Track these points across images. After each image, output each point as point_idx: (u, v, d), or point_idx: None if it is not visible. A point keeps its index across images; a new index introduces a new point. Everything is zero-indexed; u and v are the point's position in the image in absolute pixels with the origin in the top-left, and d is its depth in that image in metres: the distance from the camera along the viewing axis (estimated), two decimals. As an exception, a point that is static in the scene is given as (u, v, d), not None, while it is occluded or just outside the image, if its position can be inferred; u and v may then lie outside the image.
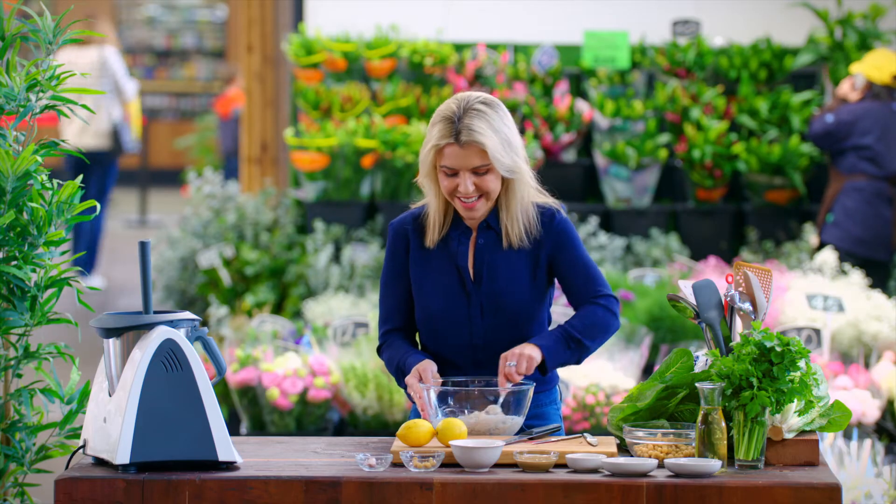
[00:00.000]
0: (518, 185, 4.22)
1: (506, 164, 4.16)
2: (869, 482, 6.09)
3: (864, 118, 8.75)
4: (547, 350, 4.16)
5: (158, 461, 3.85)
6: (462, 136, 4.11)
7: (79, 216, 4.36)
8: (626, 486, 3.76)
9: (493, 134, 4.13)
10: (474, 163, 4.13)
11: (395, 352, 4.30)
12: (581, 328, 4.22)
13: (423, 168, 4.23)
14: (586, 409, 7.06)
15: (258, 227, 9.43)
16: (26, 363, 4.39)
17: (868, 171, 8.77)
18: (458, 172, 4.15)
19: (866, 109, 8.77)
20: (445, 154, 4.14)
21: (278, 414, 7.24)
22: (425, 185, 4.26)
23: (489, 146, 4.11)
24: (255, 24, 11.38)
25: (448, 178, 4.17)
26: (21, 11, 4.46)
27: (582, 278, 4.27)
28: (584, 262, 4.28)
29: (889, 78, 8.79)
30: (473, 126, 4.11)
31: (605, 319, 4.25)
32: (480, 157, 4.13)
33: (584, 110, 9.40)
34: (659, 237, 9.15)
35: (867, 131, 8.74)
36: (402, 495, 3.78)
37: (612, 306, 4.26)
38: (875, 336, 7.57)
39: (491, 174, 4.16)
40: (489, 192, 4.17)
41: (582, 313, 4.25)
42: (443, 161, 4.15)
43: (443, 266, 4.27)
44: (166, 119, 25.11)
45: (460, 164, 4.14)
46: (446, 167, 4.15)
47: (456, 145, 4.12)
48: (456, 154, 4.13)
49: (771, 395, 3.87)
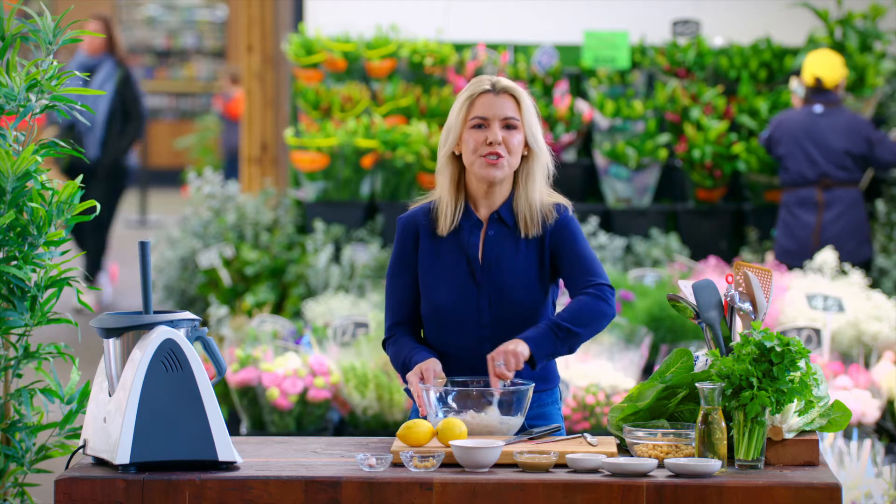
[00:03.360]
0: (537, 166, 4.28)
1: (532, 128, 4.26)
2: (869, 482, 6.09)
3: (777, 129, 8.74)
4: (533, 342, 4.15)
5: (158, 461, 3.85)
6: (498, 86, 4.25)
7: (79, 216, 4.36)
8: (626, 486, 3.76)
9: (526, 95, 4.29)
10: (507, 112, 4.24)
11: (400, 348, 4.31)
12: (568, 316, 4.21)
13: (446, 143, 4.28)
14: (586, 409, 7.06)
15: (258, 227, 9.43)
16: (26, 363, 4.39)
17: (787, 181, 8.76)
18: (489, 125, 4.22)
19: (781, 120, 8.76)
20: (478, 104, 4.24)
21: (278, 414, 7.24)
22: (442, 170, 4.29)
23: (523, 98, 4.27)
24: (255, 24, 11.38)
25: (477, 131, 4.23)
26: (21, 11, 4.46)
27: (578, 270, 4.28)
28: (583, 255, 4.29)
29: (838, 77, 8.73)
30: (508, 83, 4.28)
31: (594, 305, 4.22)
32: (513, 108, 4.25)
33: (584, 110, 9.40)
34: (659, 237, 9.15)
35: (778, 142, 8.74)
36: (402, 495, 3.78)
37: (603, 293, 4.24)
38: (875, 336, 7.57)
39: (518, 133, 4.25)
40: (514, 151, 4.24)
41: (570, 304, 4.26)
42: (474, 112, 4.23)
43: (453, 257, 4.29)
44: (166, 119, 25.11)
45: (493, 112, 4.23)
46: (478, 117, 4.23)
47: (491, 93, 4.25)
48: (490, 102, 4.24)
49: (771, 395, 3.87)
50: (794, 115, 8.75)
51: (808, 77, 8.71)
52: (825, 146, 8.65)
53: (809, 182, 8.67)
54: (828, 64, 8.69)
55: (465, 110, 4.24)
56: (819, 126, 8.64)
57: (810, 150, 8.65)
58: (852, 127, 8.66)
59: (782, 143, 8.69)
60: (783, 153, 8.70)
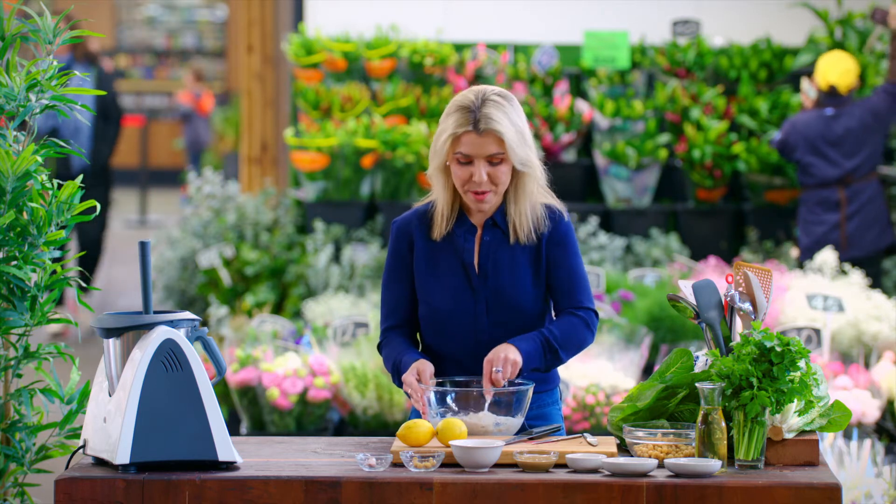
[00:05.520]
0: (528, 180, 4.26)
1: (519, 156, 4.21)
2: (869, 482, 6.09)
3: (792, 132, 8.75)
4: (526, 355, 4.18)
5: (158, 461, 3.85)
6: (480, 125, 4.17)
7: (79, 216, 4.36)
8: (626, 486, 3.76)
9: (509, 125, 4.19)
10: (490, 150, 4.17)
11: (392, 350, 4.32)
12: (561, 339, 4.23)
13: (435, 160, 4.25)
14: (586, 409, 7.06)
15: (258, 227, 9.43)
16: (26, 363, 4.39)
17: (806, 182, 8.78)
18: (473, 161, 4.18)
19: (795, 122, 8.77)
20: (462, 142, 4.19)
21: (278, 414, 7.24)
22: (434, 177, 4.28)
23: (506, 135, 4.17)
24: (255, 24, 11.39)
25: (462, 167, 4.20)
26: (21, 11, 4.46)
27: (570, 284, 4.29)
28: (576, 269, 4.30)
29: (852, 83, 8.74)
30: (492, 115, 4.17)
31: (583, 335, 4.28)
32: (497, 145, 4.18)
33: (584, 110, 9.40)
34: (659, 237, 9.15)
35: (794, 148, 8.75)
36: (402, 495, 3.78)
37: (591, 322, 4.29)
38: (875, 336, 7.57)
39: (504, 165, 4.21)
40: (500, 183, 4.21)
41: (563, 324, 4.25)
42: (459, 148, 4.19)
43: (448, 263, 4.29)
44: (166, 119, 25.11)
45: (477, 151, 4.18)
46: (462, 154, 4.19)
47: (474, 133, 4.18)
48: (473, 142, 4.18)
49: (771, 395, 3.87)
50: (806, 120, 8.73)
51: (822, 83, 8.70)
52: (845, 147, 8.69)
53: (831, 183, 8.71)
54: (843, 70, 8.68)
55: (448, 144, 4.20)
56: (834, 129, 8.67)
57: (829, 153, 8.68)
58: (864, 119, 8.70)
59: (799, 148, 8.71)
60: (801, 159, 8.72)
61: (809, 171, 8.71)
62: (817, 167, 8.70)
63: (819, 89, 8.73)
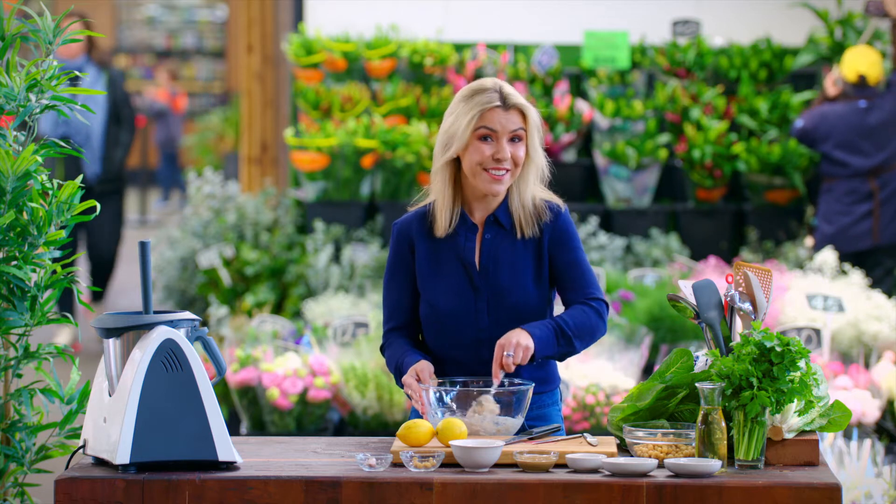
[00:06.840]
0: (531, 170, 4.31)
1: (534, 138, 4.29)
2: (869, 482, 6.09)
3: (822, 123, 8.80)
4: (539, 341, 4.17)
5: (158, 461, 3.85)
6: (508, 101, 4.27)
7: (79, 216, 4.36)
8: (626, 486, 3.76)
9: (532, 109, 4.33)
10: (515, 125, 4.26)
11: (394, 352, 4.33)
12: (574, 327, 4.23)
13: (452, 146, 4.27)
14: (586, 409, 7.06)
15: (258, 227, 9.43)
16: (26, 363, 4.39)
17: (835, 173, 8.82)
18: (497, 138, 4.24)
19: (825, 113, 8.81)
20: (487, 118, 4.26)
21: (278, 414, 7.24)
22: (439, 174, 4.29)
23: (530, 112, 4.29)
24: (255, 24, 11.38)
25: (485, 144, 4.25)
26: (21, 11, 4.46)
27: (578, 277, 4.30)
28: (582, 262, 4.32)
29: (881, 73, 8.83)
30: (515, 94, 4.31)
31: (596, 324, 4.28)
32: (521, 121, 4.28)
33: (584, 110, 9.40)
34: (659, 237, 9.15)
35: (825, 137, 8.78)
36: (402, 495, 3.78)
37: (603, 312, 4.30)
38: (875, 336, 7.57)
39: (522, 144, 4.28)
40: (519, 163, 4.28)
41: (576, 312, 4.26)
42: (484, 123, 4.25)
43: (450, 262, 4.29)
44: (166, 119, 25.10)
45: (503, 126, 4.26)
46: (487, 128, 4.25)
47: (501, 108, 4.26)
48: (500, 117, 4.26)
49: (771, 395, 3.87)
50: (840, 112, 8.81)
51: (851, 73, 8.77)
52: (877, 139, 8.78)
53: (862, 174, 8.77)
54: (871, 60, 8.80)
55: (476, 120, 4.26)
56: (868, 122, 8.76)
57: (863, 146, 8.78)
58: None
59: (831, 139, 8.77)
60: (829, 151, 8.78)
61: (839, 162, 8.77)
62: (849, 159, 8.76)
63: (847, 81, 8.79)
